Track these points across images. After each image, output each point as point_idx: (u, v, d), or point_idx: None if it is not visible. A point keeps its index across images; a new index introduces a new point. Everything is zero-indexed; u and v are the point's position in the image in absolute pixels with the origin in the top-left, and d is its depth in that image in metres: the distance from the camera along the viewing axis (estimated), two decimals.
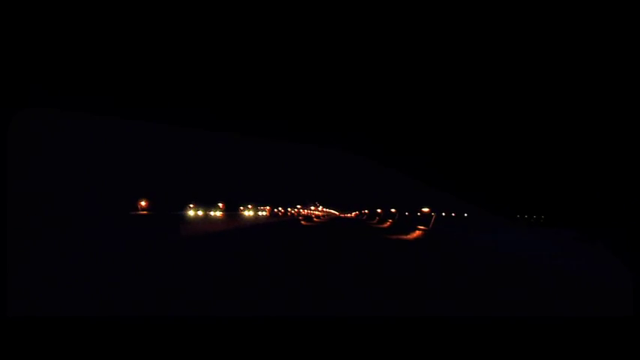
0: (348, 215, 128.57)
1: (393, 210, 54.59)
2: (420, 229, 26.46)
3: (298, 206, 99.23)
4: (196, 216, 34.17)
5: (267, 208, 71.85)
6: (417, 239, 23.81)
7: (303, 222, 52.83)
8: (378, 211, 66.29)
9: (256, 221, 44.15)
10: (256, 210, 64.73)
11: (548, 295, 7.53)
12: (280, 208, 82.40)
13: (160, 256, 12.31)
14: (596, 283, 7.61)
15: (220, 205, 55.15)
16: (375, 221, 57.12)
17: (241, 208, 61.77)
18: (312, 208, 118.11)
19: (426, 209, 35.41)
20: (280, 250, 16.22)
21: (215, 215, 40.12)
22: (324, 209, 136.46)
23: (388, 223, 44.70)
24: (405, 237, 25.43)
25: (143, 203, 36.06)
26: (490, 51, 9.49)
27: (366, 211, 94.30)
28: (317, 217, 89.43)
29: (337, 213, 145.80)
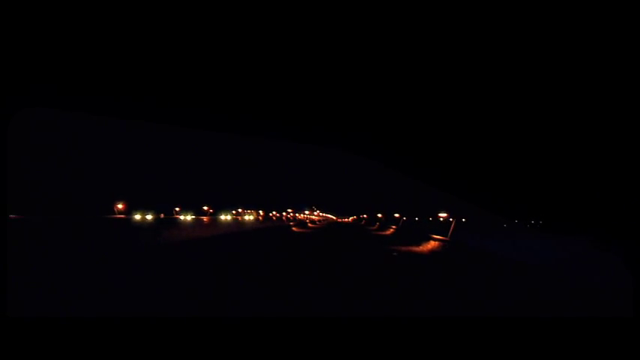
0: (345, 220, 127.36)
1: (396, 215, 47.97)
2: (435, 239, 20.12)
3: (289, 210, 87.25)
4: (143, 220, 27.76)
5: (262, 212, 68.75)
6: (435, 254, 17.64)
7: (294, 228, 46.19)
8: (379, 215, 59.72)
9: (229, 229, 34.28)
10: (234, 214, 54.62)
11: (549, 295, 7.54)
12: (275, 212, 77.65)
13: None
14: (597, 284, 7.61)
15: (205, 208, 52.35)
16: (375, 227, 51.29)
17: (234, 212, 59.05)
18: (307, 212, 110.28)
19: (443, 214, 28.17)
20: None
21: (185, 219, 33.71)
22: (321, 213, 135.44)
23: (391, 230, 38.22)
24: (417, 249, 19.46)
25: (120, 206, 33.39)
26: (493, 55, 9.49)
27: (365, 215, 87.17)
28: (312, 222, 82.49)
29: (334, 217, 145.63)
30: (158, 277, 9.44)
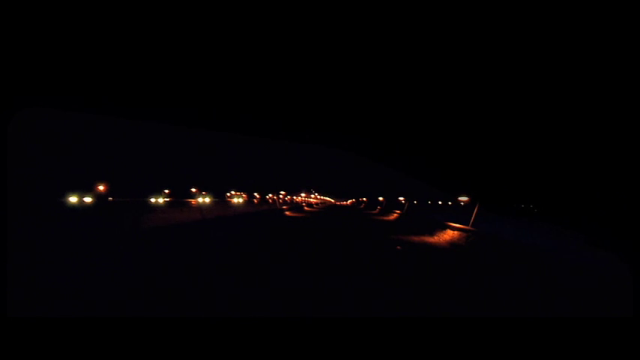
0: (344, 203, 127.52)
1: (400, 198, 43.78)
2: (453, 228, 15.66)
3: (282, 192, 79.19)
4: (80, 203, 22.42)
5: (257, 194, 66.82)
6: (459, 249, 12.81)
7: (287, 212, 39.34)
8: (380, 199, 55.01)
9: (194, 215, 24.46)
10: (205, 196, 47.95)
11: (549, 294, 7.54)
12: (272, 195, 74.47)
13: None
14: (596, 283, 7.61)
15: (193, 190, 51.03)
16: (375, 211, 45.39)
17: (228, 194, 57.96)
18: (304, 195, 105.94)
19: (464, 198, 21.84)
20: None
21: (157, 202, 30.93)
22: (319, 196, 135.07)
23: (395, 216, 32.50)
24: (430, 241, 14.88)
25: (101, 188, 32.20)
26: (490, 48, 9.47)
27: (364, 199, 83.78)
28: (309, 205, 78.36)
29: (333, 200, 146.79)
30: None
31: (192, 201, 37.40)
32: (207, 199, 39.25)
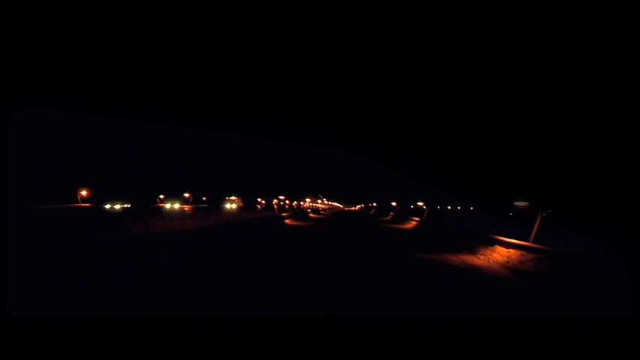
0: (352, 208, 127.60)
1: (420, 204, 40.50)
2: (504, 244, 11.81)
3: (281, 197, 67.80)
4: None
5: (262, 200, 64.96)
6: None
7: (287, 221, 31.93)
8: (393, 204, 50.08)
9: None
10: (176, 202, 41.54)
11: (548, 294, 7.54)
12: (276, 201, 70.51)
13: None
14: (596, 283, 7.62)
15: (187, 195, 49.62)
16: (388, 218, 40.64)
17: (227, 199, 57.35)
18: (308, 200, 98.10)
19: (522, 203, 17.98)
20: None
21: (113, 208, 27.62)
22: (326, 202, 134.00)
23: (413, 224, 27.16)
24: (476, 263, 10.46)
25: (84, 193, 30.26)
26: (493, 47, 9.46)
27: (375, 204, 78.65)
28: (315, 210, 71.36)
29: (341, 206, 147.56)
30: None
31: (187, 207, 33.73)
32: (177, 205, 32.27)
